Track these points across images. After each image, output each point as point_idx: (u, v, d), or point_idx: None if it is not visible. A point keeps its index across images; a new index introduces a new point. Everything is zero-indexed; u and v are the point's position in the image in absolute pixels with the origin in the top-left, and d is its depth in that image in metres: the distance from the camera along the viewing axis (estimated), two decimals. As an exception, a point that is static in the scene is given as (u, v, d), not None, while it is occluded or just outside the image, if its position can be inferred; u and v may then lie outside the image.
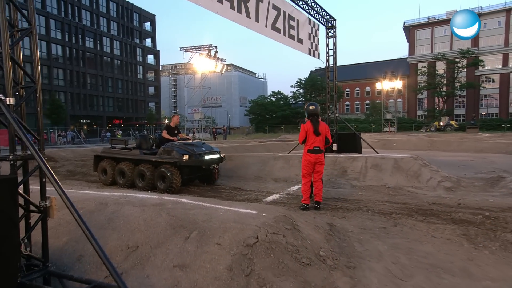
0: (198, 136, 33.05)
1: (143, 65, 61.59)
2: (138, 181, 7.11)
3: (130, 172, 7.24)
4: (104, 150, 8.01)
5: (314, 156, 5.28)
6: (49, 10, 44.97)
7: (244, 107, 76.56)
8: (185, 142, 7.25)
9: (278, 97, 66.46)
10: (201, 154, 6.90)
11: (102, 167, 7.77)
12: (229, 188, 7.44)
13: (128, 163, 7.37)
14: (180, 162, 6.61)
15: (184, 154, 6.68)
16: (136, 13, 60.45)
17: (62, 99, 45.27)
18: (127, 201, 4.08)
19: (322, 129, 5.33)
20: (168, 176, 6.61)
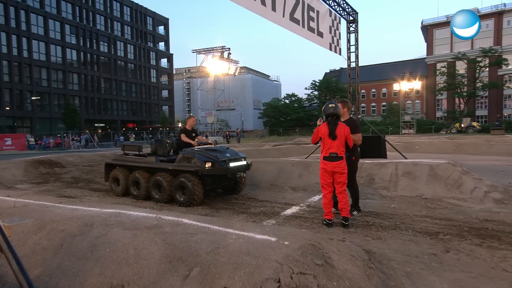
0: (211, 139, 32.47)
1: (157, 69, 61.71)
2: (154, 192, 6.35)
3: (145, 182, 6.47)
4: (116, 157, 7.32)
5: (331, 164, 4.44)
6: (64, 15, 45.40)
7: (258, 110, 75.90)
8: (207, 147, 6.44)
9: (292, 100, 65.67)
10: (226, 161, 6.03)
11: (113, 177, 7.07)
12: (242, 198, 6.68)
13: (143, 172, 6.61)
14: (202, 170, 5.79)
15: (206, 162, 5.85)
16: (150, 17, 60.69)
17: (76, 103, 45.55)
18: (117, 221, 3.36)
19: (340, 132, 4.45)
20: (189, 187, 5.81)
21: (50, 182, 9.08)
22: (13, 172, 9.43)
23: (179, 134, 7.28)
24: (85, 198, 6.81)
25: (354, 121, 5.00)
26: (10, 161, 10.53)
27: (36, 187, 8.27)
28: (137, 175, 6.58)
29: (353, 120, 5.01)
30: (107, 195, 7.14)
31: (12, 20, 39.26)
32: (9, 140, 28.12)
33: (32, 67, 41.09)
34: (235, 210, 5.74)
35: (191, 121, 7.46)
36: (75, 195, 7.13)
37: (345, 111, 4.98)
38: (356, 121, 5.08)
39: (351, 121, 4.95)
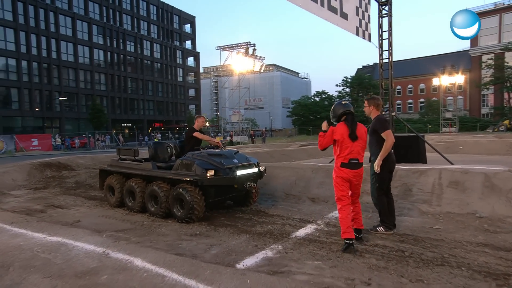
0: (236, 139, 31.75)
1: (183, 68, 62.07)
2: (150, 204, 5.50)
3: (141, 192, 5.66)
4: (111, 163, 6.60)
5: (351, 172, 3.87)
6: (91, 16, 46.46)
7: (286, 108, 74.68)
8: (211, 152, 5.50)
9: (322, 97, 64.04)
10: (232, 168, 5.12)
11: (108, 184, 6.33)
12: (250, 212, 5.73)
13: (138, 180, 5.81)
14: (202, 180, 4.90)
15: (208, 169, 4.95)
16: (176, 16, 61.11)
17: (104, 103, 46.50)
18: (45, 261, 2.53)
19: (362, 133, 3.93)
20: (187, 200, 4.92)
21: (50, 187, 8.58)
22: (14, 176, 9.04)
23: (189, 133, 6.45)
24: (72, 209, 6.14)
25: (380, 118, 4.31)
26: (15, 164, 10.20)
27: (31, 194, 7.76)
28: (132, 183, 5.80)
29: (379, 117, 4.31)
30: (100, 205, 6.45)
31: (42, 22, 40.56)
32: (36, 141, 28.83)
33: (61, 68, 42.30)
34: (237, 228, 4.81)
35: (200, 121, 6.53)
36: (64, 205, 6.48)
37: (372, 109, 4.34)
38: (383, 117, 4.37)
39: (377, 119, 4.29)
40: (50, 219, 5.37)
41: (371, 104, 4.32)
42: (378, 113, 4.33)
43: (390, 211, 4.32)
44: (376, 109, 4.32)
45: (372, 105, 4.32)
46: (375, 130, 4.17)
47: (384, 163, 4.13)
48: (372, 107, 4.32)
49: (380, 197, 4.29)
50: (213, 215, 5.59)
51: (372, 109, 4.32)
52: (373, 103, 4.33)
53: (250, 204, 6.00)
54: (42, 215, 5.60)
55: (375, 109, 4.32)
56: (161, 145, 6.42)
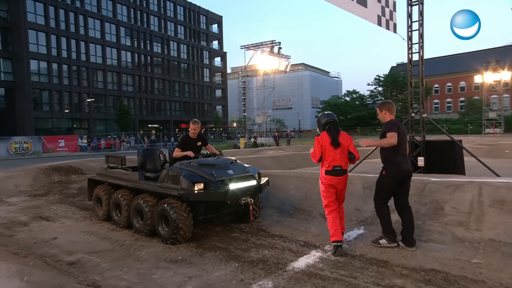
0: (260, 140, 31.09)
1: (210, 68, 62.30)
2: (135, 220, 4.90)
3: (127, 206, 5.10)
4: (100, 171, 6.13)
5: (336, 179, 4.08)
6: (119, 18, 47.52)
7: (316, 108, 73.24)
8: (202, 161, 4.83)
9: (353, 97, 62.30)
10: (224, 181, 4.46)
11: (96, 196, 5.84)
12: (249, 231, 5.02)
13: (125, 192, 5.28)
14: (188, 195, 4.23)
15: (196, 182, 4.30)
16: (203, 16, 61.46)
17: (131, 104, 47.40)
18: None
19: (344, 140, 4.10)
20: (171, 218, 4.29)
21: (50, 193, 8.28)
22: (17, 181, 8.85)
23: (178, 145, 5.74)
24: (58, 222, 5.69)
25: (390, 121, 4.16)
26: (22, 168, 10.07)
27: (27, 201, 7.46)
28: (119, 195, 5.27)
29: (389, 121, 4.17)
30: (90, 217, 5.97)
31: (72, 25, 41.87)
32: (62, 142, 29.62)
33: (89, 70, 43.48)
34: (228, 253, 4.12)
35: (194, 127, 5.66)
36: (52, 216, 6.06)
37: (385, 114, 4.21)
38: (393, 121, 4.18)
39: (386, 123, 4.19)
40: (24, 236, 4.93)
41: (383, 109, 4.21)
42: (392, 117, 4.19)
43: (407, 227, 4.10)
44: (390, 113, 4.19)
45: (384, 109, 4.20)
46: (383, 133, 4.08)
47: (390, 168, 4.02)
48: (385, 111, 4.20)
49: (380, 206, 4.14)
50: (206, 233, 4.94)
51: (385, 113, 4.19)
52: (385, 108, 4.20)
53: (250, 221, 5.30)
54: (19, 231, 5.17)
55: (388, 113, 4.19)
56: (151, 152, 5.87)
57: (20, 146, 27.10)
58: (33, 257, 3.96)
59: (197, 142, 5.76)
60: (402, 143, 4.02)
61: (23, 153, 26.69)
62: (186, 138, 5.74)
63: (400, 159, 3.99)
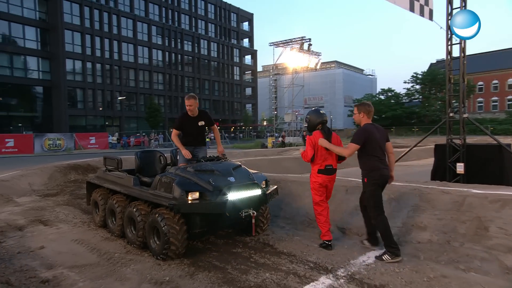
0: (288, 140, 30.36)
1: (240, 66, 62.20)
2: (128, 229, 4.48)
3: (121, 213, 4.69)
4: (98, 174, 5.79)
5: (327, 178, 4.25)
6: (151, 17, 48.33)
7: (349, 107, 71.27)
8: (200, 166, 4.26)
9: (388, 95, 60.00)
10: (223, 190, 3.89)
11: (94, 200, 5.49)
12: (252, 245, 4.45)
13: (120, 198, 4.86)
14: (179, 206, 3.70)
15: (189, 191, 3.78)
16: (234, 13, 61.39)
17: (161, 103, 48.13)
18: None
19: (335, 140, 4.24)
20: (162, 230, 3.82)
21: (61, 194, 8.12)
22: (31, 180, 8.77)
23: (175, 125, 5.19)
24: (54, 227, 5.39)
25: (362, 128, 4.04)
26: (40, 167, 10.06)
27: (35, 202, 7.30)
28: (113, 201, 4.87)
29: (361, 127, 4.05)
30: (88, 223, 5.63)
31: (105, 25, 43.02)
32: (93, 139, 30.34)
33: (122, 68, 44.54)
34: (223, 275, 3.58)
35: (189, 104, 4.94)
36: (52, 220, 5.78)
37: (362, 117, 4.07)
38: (366, 127, 4.00)
39: (358, 129, 4.14)
40: (12, 243, 4.63)
41: (361, 111, 4.06)
42: (368, 121, 4.04)
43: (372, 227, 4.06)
44: (367, 117, 4.05)
45: (362, 111, 4.05)
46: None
47: (371, 174, 3.90)
48: (363, 114, 4.05)
49: (378, 217, 3.88)
50: (205, 247, 4.42)
51: (363, 116, 4.05)
52: (363, 110, 4.05)
53: (257, 233, 4.73)
54: (10, 236, 4.90)
55: (365, 116, 4.05)
56: (151, 154, 5.43)
57: (54, 142, 28.02)
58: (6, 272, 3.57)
59: (198, 121, 5.10)
60: (378, 148, 3.90)
61: (56, 150, 27.56)
62: (183, 117, 5.11)
63: (378, 164, 3.89)
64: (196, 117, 5.08)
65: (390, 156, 4.11)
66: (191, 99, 4.96)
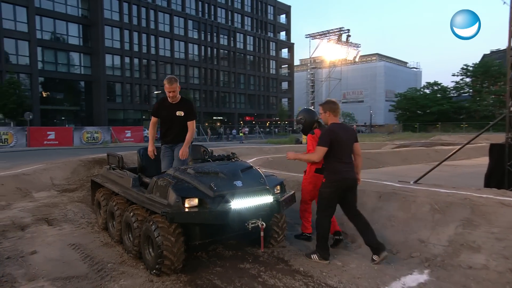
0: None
1: (276, 60, 61.36)
2: (126, 236, 4.01)
3: (120, 217, 4.22)
4: (102, 172, 5.42)
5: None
6: (187, 11, 48.69)
7: (390, 102, 68.30)
8: (201, 168, 3.69)
9: (434, 89, 56.81)
10: (225, 197, 3.32)
11: (97, 201, 5.11)
12: (263, 260, 3.84)
13: (120, 200, 4.40)
14: (173, 214, 3.15)
15: (187, 197, 3.25)
16: (271, 6, 60.51)
17: (196, 97, 48.52)
18: None
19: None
20: (156, 241, 3.30)
21: (80, 189, 7.95)
22: (54, 174, 8.69)
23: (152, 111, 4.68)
24: (57, 227, 5.08)
25: (328, 128, 3.83)
26: (63, 160, 10.03)
27: (53, 197, 7.14)
28: (113, 203, 4.45)
29: (327, 127, 3.85)
30: (93, 224, 5.28)
31: (143, 20, 43.87)
32: (129, 133, 31.03)
33: (158, 63, 45.31)
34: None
35: (170, 89, 4.25)
36: (58, 219, 5.51)
37: (328, 116, 3.87)
38: (332, 127, 3.77)
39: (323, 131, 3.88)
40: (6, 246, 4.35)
41: (327, 110, 3.85)
42: (335, 120, 3.85)
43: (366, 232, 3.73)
44: (333, 115, 3.85)
45: (327, 110, 3.85)
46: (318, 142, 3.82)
47: (330, 176, 3.71)
48: (328, 113, 3.85)
49: (323, 220, 3.75)
50: (209, 259, 3.87)
51: (329, 115, 3.85)
52: (328, 108, 3.85)
53: (271, 245, 4.11)
54: (9, 237, 4.63)
55: (331, 115, 3.85)
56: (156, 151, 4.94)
57: (91, 135, 28.94)
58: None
59: (176, 111, 4.35)
60: (343, 150, 3.70)
61: (94, 143, 28.44)
62: (162, 102, 4.48)
63: (341, 166, 3.68)
64: (175, 104, 4.36)
65: (356, 159, 3.90)
66: (173, 83, 4.21)
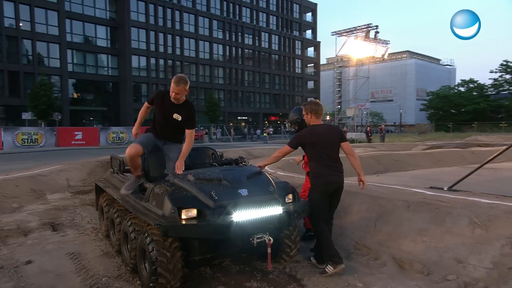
0: (350, 136, 28.39)
1: (302, 59, 60.52)
2: (124, 247, 3.68)
3: (119, 225, 3.93)
4: (106, 176, 5.16)
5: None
6: (212, 11, 48.80)
7: (422, 101, 65.83)
8: (204, 174, 3.30)
9: (469, 87, 54.14)
10: (227, 208, 2.93)
11: (100, 206, 4.86)
12: (272, 277, 3.42)
13: (121, 207, 4.08)
14: (167, 227, 2.77)
15: (183, 208, 2.89)
16: (297, 4, 59.73)
17: (221, 97, 48.56)
18: None
19: None
20: (150, 257, 2.95)
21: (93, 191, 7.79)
22: (71, 175, 8.63)
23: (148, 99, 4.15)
24: (61, 233, 4.88)
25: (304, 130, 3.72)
26: (81, 161, 9.99)
27: (65, 199, 7.04)
28: (113, 210, 4.18)
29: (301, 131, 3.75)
30: (98, 230, 5.04)
31: (169, 21, 44.34)
32: (154, 133, 31.30)
33: (183, 63, 45.66)
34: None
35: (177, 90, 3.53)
36: (65, 224, 5.32)
37: (311, 118, 3.66)
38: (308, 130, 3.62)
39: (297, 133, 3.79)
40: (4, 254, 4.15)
41: (308, 111, 3.66)
42: (317, 121, 3.66)
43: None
44: (315, 117, 3.64)
45: (309, 112, 3.65)
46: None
47: (315, 180, 3.55)
48: (310, 115, 3.65)
49: (319, 227, 3.53)
50: (213, 276, 3.49)
51: (311, 117, 3.66)
52: (309, 110, 3.65)
53: (282, 260, 3.68)
54: (9, 244, 4.45)
55: (313, 117, 3.65)
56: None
57: (117, 135, 29.42)
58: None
59: (174, 113, 3.69)
60: (325, 152, 3.51)
61: (119, 142, 28.88)
62: (160, 94, 3.77)
63: (323, 170, 3.52)
64: (176, 105, 3.67)
65: (350, 159, 3.63)
66: (180, 84, 3.52)
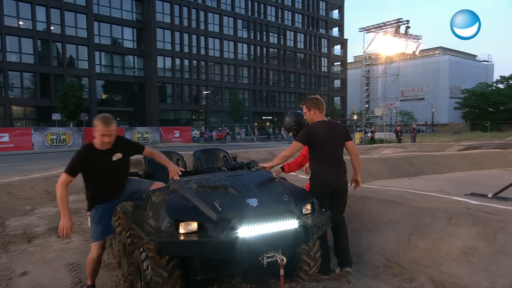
0: (379, 136, 27.36)
1: (328, 57, 59.41)
2: (124, 260, 3.39)
3: (119, 236, 3.66)
4: None
5: None
6: (237, 11, 48.69)
7: (456, 99, 63.07)
8: (208, 181, 2.91)
9: (509, 84, 51.23)
10: (232, 222, 2.51)
11: None
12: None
13: (122, 214, 3.72)
14: (163, 244, 2.43)
15: (181, 221, 2.52)
16: (323, 1, 58.70)
17: (246, 96, 48.36)
18: None
19: None
20: (144, 274, 2.58)
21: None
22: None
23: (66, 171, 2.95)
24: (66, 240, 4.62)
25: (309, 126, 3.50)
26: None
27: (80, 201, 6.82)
28: (116, 218, 3.88)
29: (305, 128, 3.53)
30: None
31: (193, 21, 44.59)
32: (178, 133, 31.49)
33: (208, 63, 45.78)
34: None
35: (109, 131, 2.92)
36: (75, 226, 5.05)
37: (314, 113, 3.45)
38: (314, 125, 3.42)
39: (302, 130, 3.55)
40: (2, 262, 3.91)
41: (311, 107, 3.44)
42: (321, 117, 3.44)
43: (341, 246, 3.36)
44: (319, 112, 3.44)
45: (312, 107, 3.44)
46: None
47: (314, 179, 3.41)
48: (313, 111, 3.43)
49: None
50: (220, 296, 3.09)
51: (314, 112, 3.43)
52: (312, 105, 3.43)
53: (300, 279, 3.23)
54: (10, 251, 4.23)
55: (317, 112, 3.43)
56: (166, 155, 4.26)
57: (142, 136, 29.76)
58: None
59: (112, 155, 3.04)
60: (326, 150, 3.35)
61: (144, 143, 29.15)
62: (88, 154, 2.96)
63: (323, 169, 3.35)
64: (111, 150, 3.03)
65: (353, 159, 3.48)
66: (112, 123, 2.96)
